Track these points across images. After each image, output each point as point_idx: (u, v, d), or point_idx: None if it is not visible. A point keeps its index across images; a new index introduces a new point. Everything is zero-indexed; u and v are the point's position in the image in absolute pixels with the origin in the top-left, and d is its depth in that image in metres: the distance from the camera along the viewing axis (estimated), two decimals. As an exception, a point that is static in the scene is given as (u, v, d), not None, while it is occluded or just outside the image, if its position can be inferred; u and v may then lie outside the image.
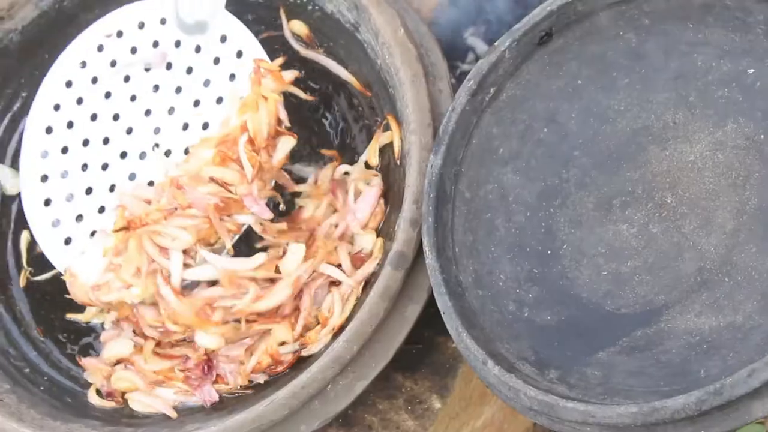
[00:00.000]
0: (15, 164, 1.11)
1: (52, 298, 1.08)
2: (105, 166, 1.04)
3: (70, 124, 1.06)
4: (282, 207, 1.03)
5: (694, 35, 0.92)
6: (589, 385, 0.82)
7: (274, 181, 1.01)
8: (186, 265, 0.98)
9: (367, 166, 1.02)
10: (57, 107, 1.06)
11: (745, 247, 0.85)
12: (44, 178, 1.05)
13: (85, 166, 1.04)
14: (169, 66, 1.05)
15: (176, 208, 0.97)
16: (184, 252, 0.98)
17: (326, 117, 1.09)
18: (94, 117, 1.05)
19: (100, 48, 1.07)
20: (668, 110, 0.93)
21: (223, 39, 1.04)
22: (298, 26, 1.07)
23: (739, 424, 0.75)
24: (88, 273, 1.01)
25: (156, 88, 1.05)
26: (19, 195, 1.08)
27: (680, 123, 0.92)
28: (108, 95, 1.06)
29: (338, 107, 1.08)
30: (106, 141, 1.05)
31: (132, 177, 1.03)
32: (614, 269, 0.90)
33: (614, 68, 0.95)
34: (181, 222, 0.97)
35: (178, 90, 1.04)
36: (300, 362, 0.96)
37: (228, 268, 0.97)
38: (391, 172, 1.01)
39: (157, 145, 1.04)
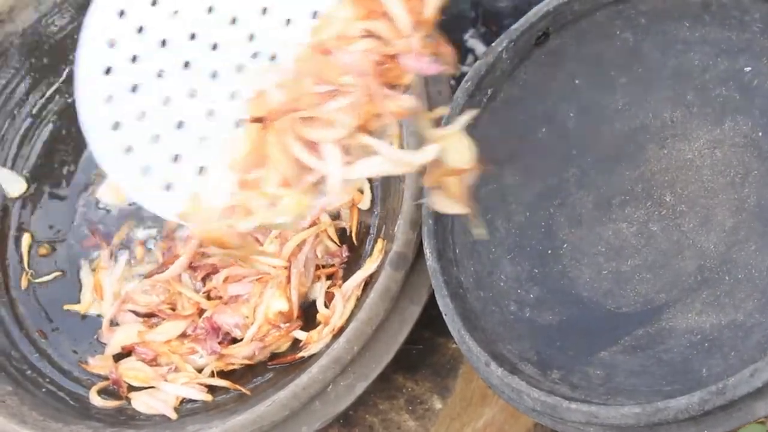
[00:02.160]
0: (15, 166, 1.11)
1: (53, 299, 1.08)
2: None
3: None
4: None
5: (691, 34, 0.92)
6: (591, 385, 0.82)
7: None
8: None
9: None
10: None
11: (745, 245, 0.85)
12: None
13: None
14: None
15: (337, 90, 0.73)
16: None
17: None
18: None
19: None
20: (666, 109, 0.93)
21: None
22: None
23: (741, 424, 0.75)
24: (216, 195, 0.75)
25: None
26: (20, 197, 1.07)
27: (678, 121, 0.92)
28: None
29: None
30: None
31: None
32: (615, 268, 0.90)
33: (612, 68, 0.95)
34: (336, 103, 0.73)
35: None
36: (301, 363, 0.96)
37: (404, 159, 0.75)
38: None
39: (256, 54, 0.79)
